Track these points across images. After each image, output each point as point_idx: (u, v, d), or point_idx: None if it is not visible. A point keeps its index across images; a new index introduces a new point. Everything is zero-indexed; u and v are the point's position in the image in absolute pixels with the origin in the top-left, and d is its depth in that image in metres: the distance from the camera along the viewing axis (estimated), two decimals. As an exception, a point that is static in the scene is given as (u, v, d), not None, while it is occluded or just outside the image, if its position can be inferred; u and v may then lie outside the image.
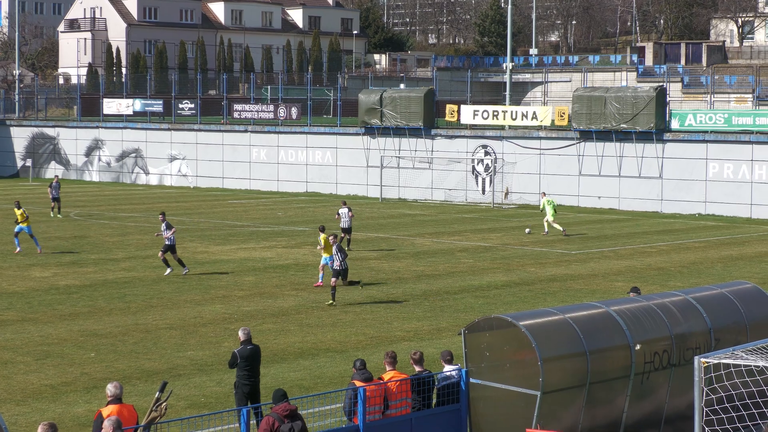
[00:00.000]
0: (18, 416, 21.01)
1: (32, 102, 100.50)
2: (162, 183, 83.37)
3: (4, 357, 25.88)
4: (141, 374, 24.39)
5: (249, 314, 31.42)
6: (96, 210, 62.01)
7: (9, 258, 42.01)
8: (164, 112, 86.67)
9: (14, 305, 32.44)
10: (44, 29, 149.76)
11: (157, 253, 40.53)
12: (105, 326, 29.53)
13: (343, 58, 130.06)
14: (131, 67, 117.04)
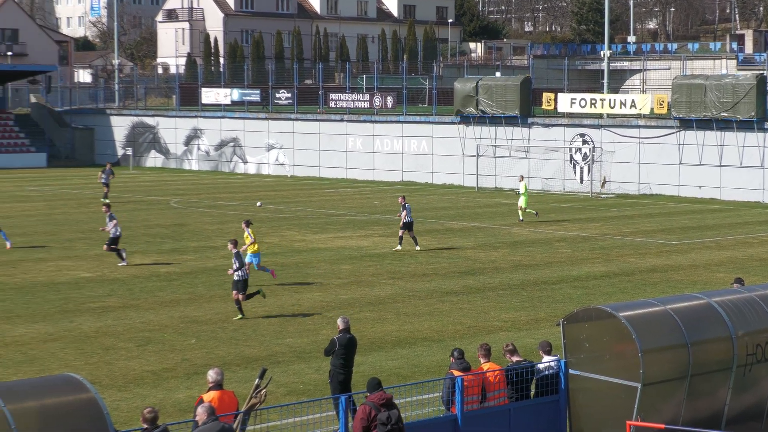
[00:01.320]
0: (120, 402, 21.34)
1: (132, 91, 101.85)
2: (260, 172, 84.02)
3: (106, 343, 26.30)
4: (241, 361, 24.64)
5: (346, 302, 31.56)
6: (195, 198, 62.71)
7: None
8: (261, 101, 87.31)
9: (116, 292, 32.95)
10: (142, 19, 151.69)
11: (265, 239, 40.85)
12: (205, 313, 29.87)
13: (438, 47, 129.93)
14: (229, 57, 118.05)
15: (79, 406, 13.78)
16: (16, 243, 42.62)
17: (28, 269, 36.79)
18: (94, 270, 36.69)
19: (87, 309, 30.29)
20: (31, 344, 26.03)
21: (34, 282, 34.37)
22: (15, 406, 13.20)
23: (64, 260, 38.75)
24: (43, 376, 19.62)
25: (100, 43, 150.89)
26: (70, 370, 22.36)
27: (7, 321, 28.53)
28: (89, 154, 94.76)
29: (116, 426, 14.08)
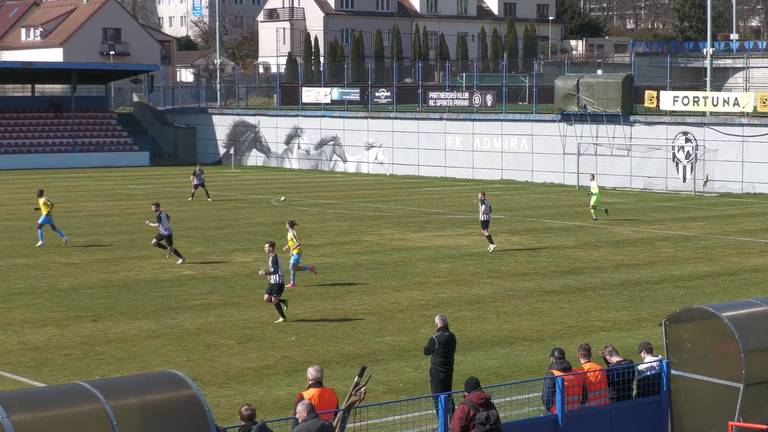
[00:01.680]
0: (221, 398, 21.51)
1: (233, 91, 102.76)
2: (359, 170, 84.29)
3: (207, 340, 26.55)
4: (340, 358, 24.71)
5: (445, 301, 31.51)
6: (296, 197, 63.07)
7: (212, 243, 43.04)
8: (361, 100, 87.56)
9: (217, 289, 33.25)
10: (244, 19, 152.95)
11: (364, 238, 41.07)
12: (305, 311, 30.02)
13: (538, 45, 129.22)
14: (329, 56, 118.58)
15: (181, 402, 13.89)
16: (120, 241, 43.24)
17: (131, 267, 37.30)
18: (197, 268, 37.07)
19: (189, 306, 30.62)
20: (134, 341, 26.37)
21: (136, 279, 34.83)
22: (117, 403, 13.35)
23: (166, 258, 39.20)
24: (145, 373, 19.88)
25: (202, 43, 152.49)
26: (172, 367, 22.61)
27: (110, 318, 28.94)
28: (191, 153, 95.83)
29: (217, 422, 14.19)
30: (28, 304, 30.58)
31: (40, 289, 32.90)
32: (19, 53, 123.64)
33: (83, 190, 67.63)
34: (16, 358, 24.52)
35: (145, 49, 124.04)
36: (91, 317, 28.95)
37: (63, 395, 13.71)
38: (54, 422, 13.04)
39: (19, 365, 23.87)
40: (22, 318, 28.76)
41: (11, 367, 23.66)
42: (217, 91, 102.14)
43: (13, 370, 23.48)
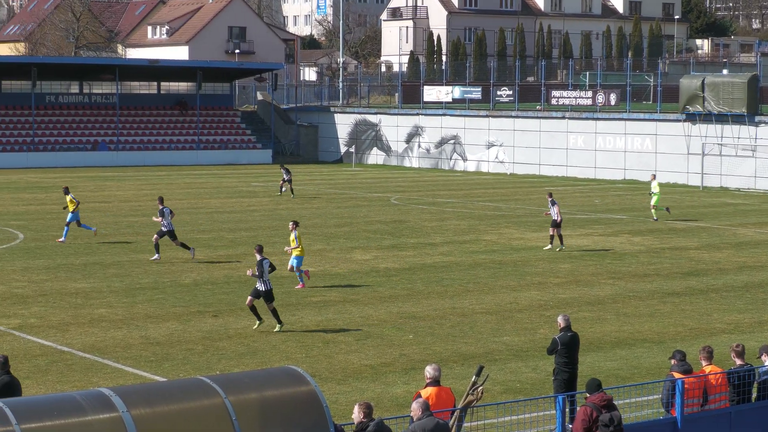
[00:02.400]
0: (339, 395, 21.61)
1: (355, 89, 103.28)
2: (479, 169, 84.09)
3: (326, 337, 26.70)
4: (458, 357, 24.67)
5: (564, 302, 31.27)
6: (415, 195, 63.16)
7: (332, 240, 43.30)
8: (482, 99, 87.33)
9: (336, 286, 33.42)
10: (367, 18, 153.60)
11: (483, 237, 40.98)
12: (423, 309, 30.04)
13: (663, 44, 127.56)
14: (451, 55, 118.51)
15: (300, 398, 13.98)
16: (242, 237, 43.72)
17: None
18: (316, 265, 37.30)
19: (308, 303, 30.84)
20: (253, 336, 26.62)
21: (257, 275, 35.12)
22: (236, 397, 13.49)
23: (287, 255, 39.50)
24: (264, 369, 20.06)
25: (326, 42, 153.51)
26: (291, 363, 22.78)
27: (231, 313, 29.27)
28: (313, 151, 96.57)
29: (335, 419, 14.25)
30: (151, 299, 31.08)
31: (163, 285, 33.41)
32: (145, 51, 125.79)
33: (206, 187, 68.54)
34: (138, 352, 24.93)
35: (270, 47, 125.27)
36: (213, 313, 29.31)
37: (183, 390, 13.89)
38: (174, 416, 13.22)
39: (140, 359, 24.27)
40: (145, 313, 29.24)
41: (133, 362, 24.06)
42: (339, 90, 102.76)
43: (134, 364, 23.87)
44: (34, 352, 24.72)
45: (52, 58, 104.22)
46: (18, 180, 72.18)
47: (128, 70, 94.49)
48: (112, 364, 23.84)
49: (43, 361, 23.95)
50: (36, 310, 29.36)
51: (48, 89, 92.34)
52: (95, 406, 12.89)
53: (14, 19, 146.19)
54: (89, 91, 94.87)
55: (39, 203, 56.58)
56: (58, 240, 41.87)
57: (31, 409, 12.82)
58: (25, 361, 23.82)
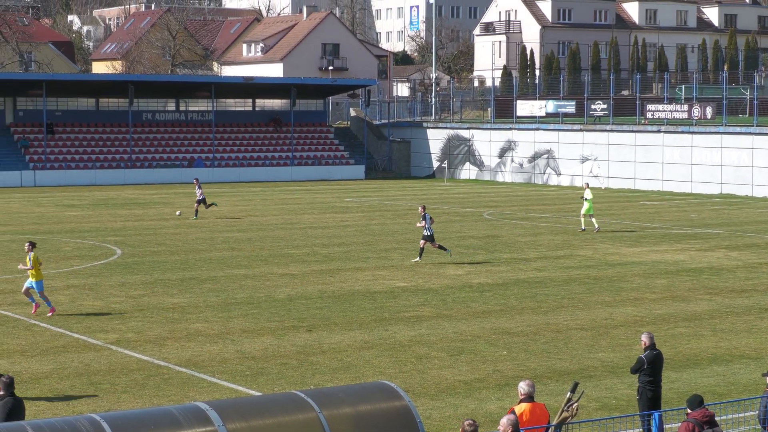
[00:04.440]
0: (432, 410, 21.58)
1: (448, 104, 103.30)
2: (573, 184, 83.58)
3: (419, 352, 26.68)
4: (552, 374, 24.51)
5: (660, 317, 30.93)
6: (508, 210, 62.95)
7: (425, 255, 43.25)
8: (576, 113, 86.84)
9: (429, 301, 33.41)
10: (460, 33, 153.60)
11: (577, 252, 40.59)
12: (517, 325, 29.90)
13: (759, 56, 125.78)
14: (544, 69, 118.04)
15: (393, 413, 14.00)
16: (335, 253, 43.88)
17: (346, 278, 37.81)
18: (409, 280, 37.33)
19: (401, 318, 30.85)
20: (347, 351, 26.69)
21: (351, 290, 35.28)
22: (330, 412, 13.54)
23: (380, 270, 39.63)
24: (358, 383, 20.10)
25: (419, 57, 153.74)
26: (384, 378, 22.81)
27: (325, 328, 29.38)
28: (406, 167, 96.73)
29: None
30: (246, 314, 31.31)
31: (258, 299, 33.65)
32: (240, 68, 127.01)
33: (301, 202, 68.96)
34: (234, 366, 25.12)
35: (363, 64, 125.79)
36: (307, 327, 29.45)
37: (278, 404, 13.98)
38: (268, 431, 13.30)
39: (236, 374, 24.45)
40: (240, 327, 29.46)
41: (228, 376, 24.25)
42: (431, 105, 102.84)
43: (230, 378, 24.06)
44: (132, 367, 25.03)
45: (149, 76, 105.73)
46: (115, 196, 73.23)
47: (223, 88, 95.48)
48: (208, 379, 24.05)
49: (140, 376, 24.23)
50: (133, 324, 29.74)
51: (145, 107, 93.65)
52: (191, 421, 13.03)
53: (111, 38, 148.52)
54: (185, 109, 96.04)
55: (136, 219, 57.35)
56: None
57: (128, 422, 12.99)
58: (122, 376, 24.13)
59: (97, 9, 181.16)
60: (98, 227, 53.38)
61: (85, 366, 25.02)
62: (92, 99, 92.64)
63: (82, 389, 23.07)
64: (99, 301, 33.14)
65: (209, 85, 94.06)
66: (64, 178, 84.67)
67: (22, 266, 31.69)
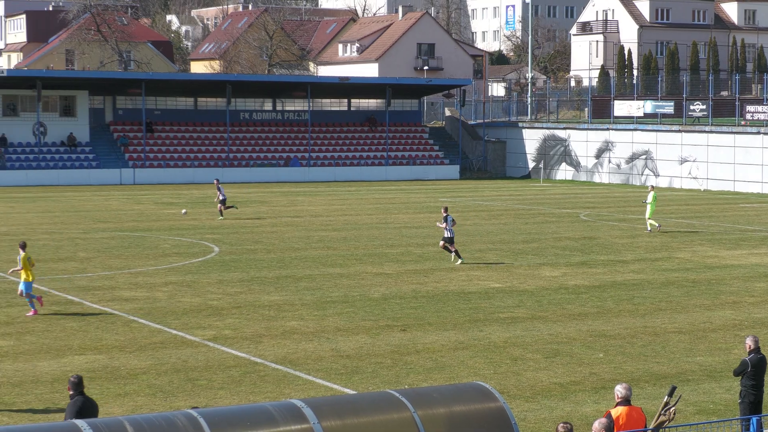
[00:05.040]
0: (527, 413, 21.46)
1: (544, 104, 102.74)
2: (671, 185, 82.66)
3: (514, 353, 26.55)
4: (649, 377, 24.24)
5: (760, 321, 30.45)
6: (605, 212, 62.43)
7: (520, 256, 43.07)
8: (675, 113, 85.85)
9: (524, 303, 33.24)
10: (557, 32, 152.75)
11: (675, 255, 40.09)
12: (613, 327, 29.62)
13: None
14: (642, 69, 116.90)
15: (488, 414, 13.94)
16: (430, 253, 43.84)
17: (440, 278, 37.76)
18: (504, 281, 37.19)
19: (496, 319, 30.73)
20: (441, 351, 26.65)
21: (445, 291, 35.23)
22: (425, 412, 13.52)
23: (474, 270, 39.53)
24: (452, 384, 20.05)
25: (514, 57, 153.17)
26: (479, 379, 22.74)
27: (419, 328, 29.36)
28: (501, 167, 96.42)
29: (523, 436, 14.16)
30: (341, 313, 31.41)
31: (352, 298, 33.75)
32: (336, 68, 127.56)
33: (395, 202, 69.04)
34: (329, 364, 25.21)
35: (458, 63, 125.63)
36: (401, 327, 29.46)
37: (372, 403, 13.99)
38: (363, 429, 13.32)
39: (331, 372, 24.53)
40: (335, 326, 29.56)
41: (323, 374, 24.34)
42: (527, 105, 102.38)
43: (325, 376, 24.15)
44: (228, 363, 25.23)
45: (246, 76, 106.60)
46: (213, 195, 73.87)
47: (319, 88, 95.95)
48: (303, 376, 24.17)
49: (236, 372, 24.42)
50: (230, 321, 29.99)
51: (242, 106, 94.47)
52: (287, 418, 13.09)
53: (209, 38, 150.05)
54: (282, 108, 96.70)
55: (233, 217, 57.83)
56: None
57: (225, 419, 13.09)
58: (219, 372, 24.35)
59: (196, 9, 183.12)
60: (196, 225, 53.94)
61: (182, 362, 25.28)
62: (191, 98, 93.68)
63: (179, 385, 23.31)
64: (197, 298, 33.48)
65: (305, 85, 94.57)
66: (163, 176, 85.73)
67: (12, 271, 31.90)
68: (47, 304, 32.03)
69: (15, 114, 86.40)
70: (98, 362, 25.05)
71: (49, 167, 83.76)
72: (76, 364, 24.76)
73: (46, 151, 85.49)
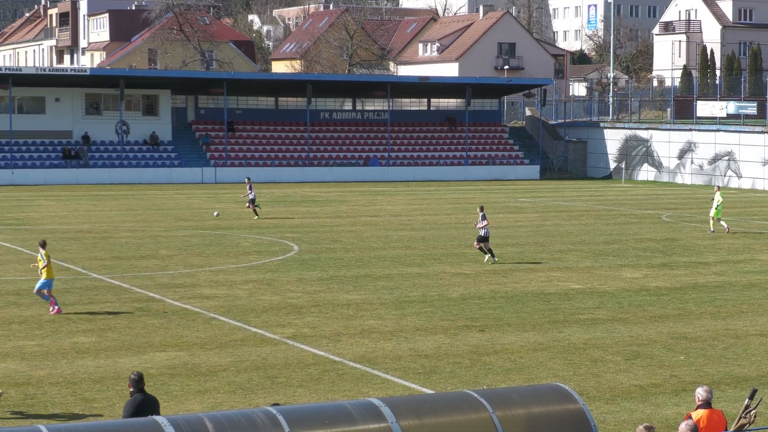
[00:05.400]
0: (607, 414, 21.33)
1: (626, 105, 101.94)
2: (754, 187, 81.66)
3: (594, 355, 26.38)
4: (730, 380, 23.98)
5: None
6: (687, 213, 61.82)
7: (601, 258, 42.79)
8: (758, 114, 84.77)
9: (605, 304, 33.01)
10: (639, 32, 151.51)
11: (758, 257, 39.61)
12: (694, 330, 29.33)
13: None
14: (725, 69, 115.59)
15: (567, 416, 13.88)
16: (509, 253, 43.72)
17: (519, 279, 37.64)
18: (584, 282, 36.97)
19: (576, 320, 30.56)
20: (520, 352, 26.56)
21: (524, 291, 35.10)
22: (503, 413, 13.50)
23: (554, 271, 39.35)
24: (531, 385, 19.98)
25: (596, 57, 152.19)
26: (558, 380, 22.63)
27: (498, 328, 29.29)
28: (581, 167, 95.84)
29: (602, 438, 14.07)
30: (420, 312, 31.42)
31: (431, 298, 33.74)
32: (415, 68, 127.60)
33: (474, 202, 68.83)
34: (407, 364, 25.23)
35: (539, 63, 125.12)
36: (480, 327, 29.40)
37: (450, 403, 13.99)
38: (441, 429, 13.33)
39: (408, 371, 24.55)
40: (414, 325, 29.58)
41: (401, 373, 24.37)
42: (609, 105, 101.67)
43: (403, 375, 24.18)
44: (307, 361, 25.35)
45: (327, 76, 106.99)
46: (293, 194, 74.36)
47: (399, 87, 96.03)
48: (381, 375, 24.21)
49: (315, 371, 24.53)
50: (309, 320, 30.13)
51: (322, 106, 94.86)
52: (365, 416, 13.13)
53: (290, 38, 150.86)
54: (362, 108, 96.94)
55: (313, 216, 58.12)
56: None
57: (304, 416, 13.17)
58: (298, 370, 24.47)
59: (277, 9, 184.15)
60: (276, 224, 54.25)
61: (262, 359, 25.44)
62: (271, 98, 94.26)
63: (258, 382, 23.47)
64: (276, 296, 33.67)
65: (385, 84, 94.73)
66: (244, 175, 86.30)
67: (33, 265, 31.81)
68: (128, 301, 32.43)
69: (98, 113, 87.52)
70: (179, 359, 25.29)
71: (131, 166, 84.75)
72: (156, 361, 25.03)
73: (129, 149, 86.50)
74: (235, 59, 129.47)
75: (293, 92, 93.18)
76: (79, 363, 24.85)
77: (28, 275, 35.93)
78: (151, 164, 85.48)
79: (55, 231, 49.89)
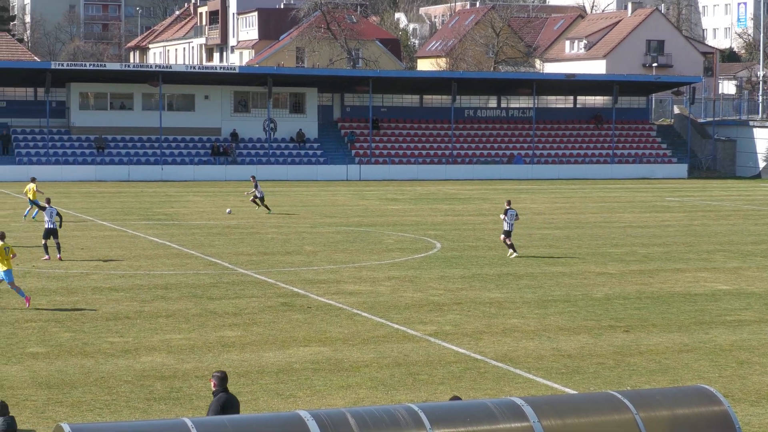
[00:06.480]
0: (751, 417, 20.96)
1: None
2: None
3: (740, 357, 25.93)
4: None
5: None
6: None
7: (749, 258, 41.97)
8: None
9: (752, 306, 32.40)
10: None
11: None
12: None
13: None
14: None
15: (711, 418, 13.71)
16: (655, 253, 43.16)
17: (666, 279, 37.15)
18: (732, 283, 36.32)
19: (722, 321, 30.05)
20: (665, 354, 26.22)
21: (670, 292, 34.63)
22: (647, 414, 13.38)
23: (701, 272, 38.74)
24: (675, 386, 19.75)
25: (746, 55, 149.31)
26: (703, 382, 22.29)
27: (643, 329, 28.95)
28: (730, 166, 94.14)
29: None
30: (563, 312, 31.23)
31: (574, 297, 33.51)
32: (562, 65, 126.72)
33: (620, 201, 68.21)
34: (549, 363, 25.11)
35: (688, 61, 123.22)
36: (624, 328, 29.11)
37: (593, 403, 13.92)
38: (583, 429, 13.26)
39: (551, 371, 24.43)
40: (557, 325, 29.42)
41: (544, 372, 24.26)
42: (758, 104, 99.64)
43: (545, 375, 24.07)
44: (449, 359, 25.40)
45: (472, 73, 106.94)
46: (436, 191, 74.49)
47: (545, 85, 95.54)
48: (523, 374, 24.14)
49: (457, 368, 24.57)
50: (451, 317, 30.17)
51: (467, 103, 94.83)
52: (507, 415, 13.14)
53: (436, 36, 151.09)
54: (506, 105, 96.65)
55: (456, 214, 58.16)
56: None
57: (445, 414, 13.22)
58: (439, 367, 24.53)
59: (424, 7, 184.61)
60: (419, 221, 54.44)
61: (404, 356, 25.57)
62: (416, 96, 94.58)
63: (400, 379, 23.59)
64: (418, 293, 33.80)
65: (531, 82, 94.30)
66: (388, 172, 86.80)
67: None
68: (273, 296, 32.88)
69: (246, 110, 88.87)
70: (322, 354, 25.55)
71: (278, 162, 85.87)
72: (300, 356, 25.34)
73: (276, 146, 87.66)
74: (381, 57, 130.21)
75: (438, 90, 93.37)
76: (225, 357, 25.27)
77: (176, 270, 36.67)
78: (297, 161, 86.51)
79: (203, 226, 50.84)
